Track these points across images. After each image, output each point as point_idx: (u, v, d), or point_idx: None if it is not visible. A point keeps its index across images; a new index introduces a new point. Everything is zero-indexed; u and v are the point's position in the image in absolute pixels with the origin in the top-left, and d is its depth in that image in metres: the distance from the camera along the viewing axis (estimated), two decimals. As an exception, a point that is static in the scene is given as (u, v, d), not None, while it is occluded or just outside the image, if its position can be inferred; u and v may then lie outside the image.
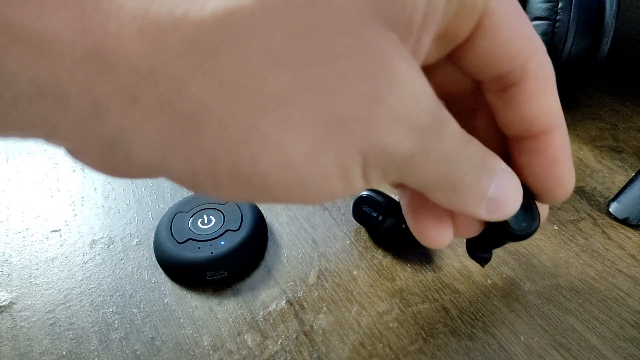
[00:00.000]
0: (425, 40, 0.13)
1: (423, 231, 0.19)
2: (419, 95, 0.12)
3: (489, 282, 0.24)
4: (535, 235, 0.27)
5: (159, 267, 0.25)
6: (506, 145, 0.19)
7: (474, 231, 0.19)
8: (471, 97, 0.19)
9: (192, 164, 0.12)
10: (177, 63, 0.10)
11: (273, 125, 0.11)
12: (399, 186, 0.19)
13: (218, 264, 0.24)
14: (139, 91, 0.11)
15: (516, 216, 0.18)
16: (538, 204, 0.19)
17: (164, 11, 0.10)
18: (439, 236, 0.18)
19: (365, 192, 0.26)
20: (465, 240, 0.23)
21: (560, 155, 0.17)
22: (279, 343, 0.22)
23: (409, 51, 0.12)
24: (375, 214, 0.25)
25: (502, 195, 0.16)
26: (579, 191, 0.29)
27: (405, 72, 0.12)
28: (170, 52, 0.10)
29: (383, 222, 0.25)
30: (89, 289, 0.25)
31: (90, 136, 0.11)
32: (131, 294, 0.24)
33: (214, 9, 0.10)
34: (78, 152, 0.12)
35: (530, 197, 0.19)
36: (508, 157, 0.19)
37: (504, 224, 0.18)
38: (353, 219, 0.27)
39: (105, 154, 0.12)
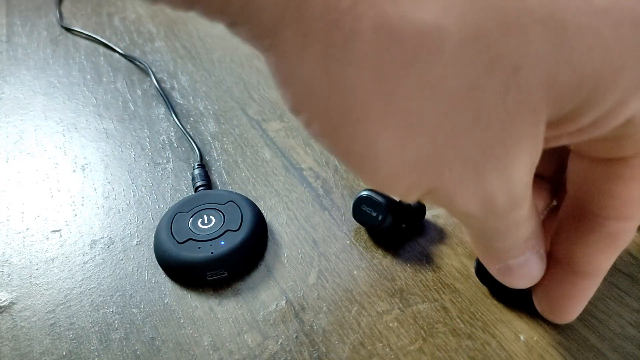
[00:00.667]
0: (564, 141, 0.14)
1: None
2: (514, 184, 0.13)
3: (489, 281, 0.24)
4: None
5: (159, 267, 0.25)
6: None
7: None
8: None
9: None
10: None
11: (370, 121, 0.12)
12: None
13: (218, 264, 0.24)
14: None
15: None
16: None
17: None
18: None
19: (365, 192, 0.26)
20: (476, 263, 0.24)
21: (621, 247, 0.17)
22: (279, 343, 0.22)
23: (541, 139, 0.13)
24: (375, 214, 0.25)
25: (521, 269, 0.17)
26: (579, 191, 0.29)
27: (519, 162, 0.13)
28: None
29: (383, 222, 0.25)
30: (89, 289, 0.25)
31: None
32: (131, 294, 0.24)
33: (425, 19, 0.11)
34: None
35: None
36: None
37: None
38: (353, 219, 0.27)
39: None
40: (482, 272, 0.23)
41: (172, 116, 0.35)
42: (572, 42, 0.11)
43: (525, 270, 0.17)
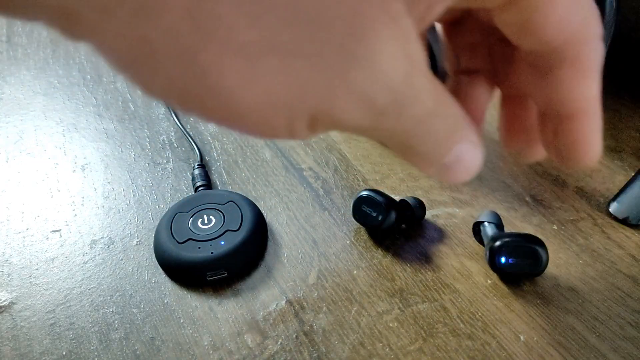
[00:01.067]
0: (438, 9, 0.13)
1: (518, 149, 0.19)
2: (386, 76, 0.12)
3: (489, 282, 0.24)
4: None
5: (159, 267, 0.25)
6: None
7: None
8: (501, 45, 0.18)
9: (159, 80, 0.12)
10: None
11: (236, 71, 0.11)
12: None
13: (218, 264, 0.24)
14: (111, 6, 0.10)
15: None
16: None
17: None
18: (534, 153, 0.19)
19: (365, 192, 0.26)
20: (488, 251, 0.24)
21: (588, 141, 0.17)
22: (279, 343, 0.22)
23: (413, 17, 0.12)
24: (375, 214, 0.25)
25: (457, 165, 0.16)
26: (579, 191, 0.30)
27: (381, 51, 0.12)
28: None
29: (383, 222, 0.25)
30: (89, 289, 0.25)
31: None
32: (131, 294, 0.24)
33: None
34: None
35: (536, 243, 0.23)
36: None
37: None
38: (353, 219, 0.27)
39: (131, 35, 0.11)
40: (494, 258, 0.23)
41: (172, 116, 0.35)
42: None
43: (462, 164, 0.16)
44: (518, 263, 0.23)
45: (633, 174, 0.29)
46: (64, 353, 0.22)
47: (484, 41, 0.18)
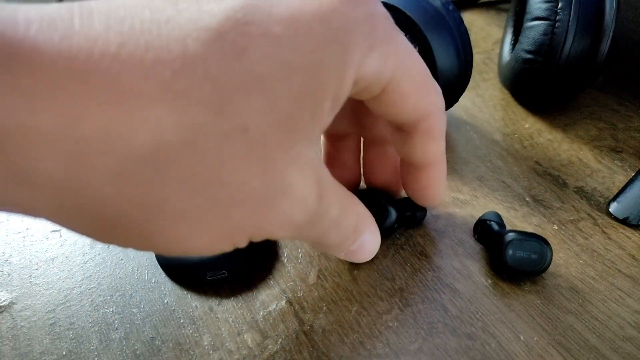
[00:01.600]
0: (330, 119, 0.16)
1: None
2: (304, 201, 0.15)
3: (489, 281, 0.24)
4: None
5: (159, 267, 0.25)
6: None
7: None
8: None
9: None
10: (104, 186, 0.12)
11: (181, 231, 0.14)
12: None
13: (218, 264, 0.24)
14: (64, 202, 0.12)
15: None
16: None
17: (93, 136, 0.11)
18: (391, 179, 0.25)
19: (364, 191, 0.26)
20: (495, 245, 0.24)
21: (433, 186, 0.22)
22: (279, 343, 0.22)
23: (318, 132, 0.16)
24: (374, 214, 0.25)
25: (360, 250, 0.21)
26: (579, 191, 0.30)
27: (298, 188, 0.15)
28: (99, 176, 0.12)
29: (384, 222, 0.25)
30: (89, 289, 0.25)
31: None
32: (131, 294, 0.24)
33: (142, 142, 0.12)
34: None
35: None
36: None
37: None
38: (353, 219, 0.27)
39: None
40: (497, 262, 0.24)
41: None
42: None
43: (364, 249, 0.21)
44: (524, 258, 0.23)
45: (633, 174, 0.29)
46: (64, 353, 0.22)
47: (351, 110, 0.22)
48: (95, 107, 0.11)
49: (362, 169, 0.26)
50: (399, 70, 0.16)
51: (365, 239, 0.21)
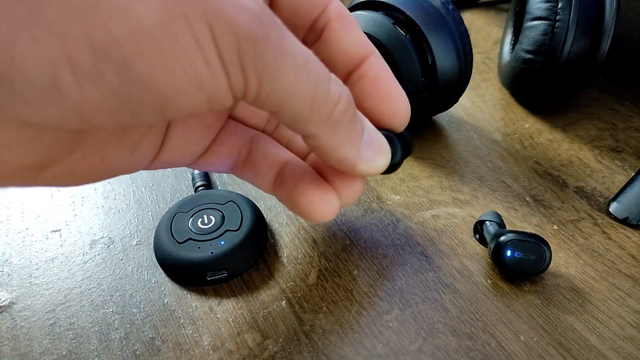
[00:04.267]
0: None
1: (309, 204, 0.19)
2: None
3: (489, 282, 0.24)
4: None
5: (159, 267, 0.25)
6: None
7: (355, 194, 0.20)
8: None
9: (45, 46, 0.11)
10: None
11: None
12: (276, 182, 0.21)
13: (218, 264, 0.24)
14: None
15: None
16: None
17: None
18: (325, 206, 0.19)
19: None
20: (494, 245, 0.24)
21: (382, 75, 0.19)
22: (279, 343, 0.22)
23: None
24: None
25: (374, 144, 0.18)
26: (579, 191, 0.30)
27: None
28: None
29: (394, 157, 0.22)
30: (89, 289, 0.25)
31: None
32: (131, 294, 0.24)
33: None
34: None
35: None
36: None
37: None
38: (353, 219, 0.27)
39: None
40: (497, 256, 0.24)
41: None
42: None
43: (375, 139, 0.18)
44: (523, 258, 0.23)
45: (633, 174, 0.29)
46: (63, 353, 0.22)
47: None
48: None
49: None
50: None
51: (371, 131, 0.18)
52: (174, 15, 0.11)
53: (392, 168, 0.21)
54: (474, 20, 0.48)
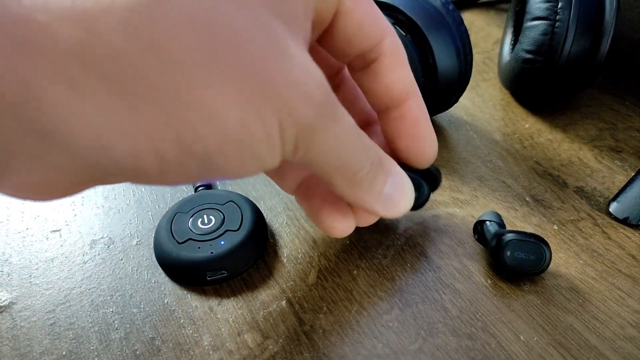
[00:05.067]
0: (309, 28, 0.16)
1: (331, 224, 0.21)
2: (309, 68, 0.14)
3: (489, 282, 0.24)
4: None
5: (159, 267, 0.25)
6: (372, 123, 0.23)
7: (372, 220, 0.23)
8: (336, 78, 0.23)
9: (135, 140, 0.12)
10: (114, 42, 0.11)
11: (209, 97, 0.12)
12: (300, 190, 0.23)
13: (218, 264, 0.24)
14: (76, 74, 0.11)
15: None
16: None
17: (90, 1, 0.11)
18: (344, 228, 0.22)
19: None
20: (493, 245, 0.24)
21: (420, 118, 0.21)
22: (279, 343, 0.22)
23: (300, 39, 0.15)
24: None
25: (397, 193, 0.19)
26: (579, 191, 0.30)
27: (295, 49, 0.14)
28: (106, 33, 0.11)
29: (420, 197, 0.24)
30: (89, 289, 0.25)
31: (20, 127, 0.11)
32: (131, 294, 0.24)
33: None
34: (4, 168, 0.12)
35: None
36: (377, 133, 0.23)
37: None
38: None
39: (37, 150, 0.12)
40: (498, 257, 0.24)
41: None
42: None
43: (401, 188, 0.19)
44: (522, 259, 0.23)
45: (633, 174, 0.29)
46: (63, 353, 0.22)
47: (356, 94, 0.22)
48: None
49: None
50: None
51: (397, 179, 0.19)
52: (251, 114, 0.13)
53: (418, 207, 0.24)
54: (474, 20, 0.48)
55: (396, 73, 0.19)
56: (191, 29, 0.12)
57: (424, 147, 0.21)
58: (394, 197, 0.19)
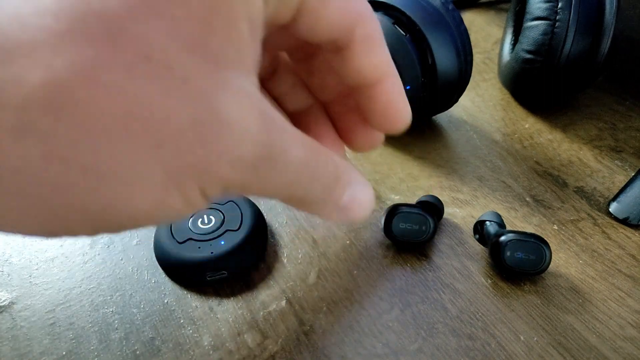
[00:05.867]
0: (257, 47, 0.15)
1: (357, 140, 0.21)
2: (247, 131, 0.13)
3: (489, 281, 0.24)
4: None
5: (159, 267, 0.25)
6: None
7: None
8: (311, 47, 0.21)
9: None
10: (11, 145, 0.11)
11: (119, 189, 0.12)
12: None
13: (218, 264, 0.24)
14: None
15: None
16: None
17: None
18: (370, 139, 0.21)
19: (403, 208, 0.25)
20: (493, 245, 0.24)
21: (393, 99, 0.20)
22: (279, 343, 0.22)
23: (242, 74, 0.14)
24: (417, 227, 0.25)
25: (355, 204, 0.19)
26: (579, 191, 0.30)
27: (235, 115, 0.13)
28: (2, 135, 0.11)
29: (426, 233, 0.25)
30: (89, 289, 0.25)
31: None
32: (131, 294, 0.24)
33: (33, 86, 0.11)
34: None
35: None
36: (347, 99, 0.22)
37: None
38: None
39: None
40: (498, 258, 0.24)
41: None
42: None
43: (358, 202, 0.19)
44: (522, 259, 0.23)
45: (633, 174, 0.29)
46: (63, 353, 0.22)
47: (297, 81, 0.21)
48: None
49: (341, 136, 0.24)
50: None
51: (355, 190, 0.19)
52: (168, 196, 0.13)
53: (425, 242, 0.25)
54: (474, 20, 0.48)
55: (368, 58, 0.19)
56: (102, 135, 0.12)
57: (396, 124, 0.21)
58: (352, 207, 0.19)
